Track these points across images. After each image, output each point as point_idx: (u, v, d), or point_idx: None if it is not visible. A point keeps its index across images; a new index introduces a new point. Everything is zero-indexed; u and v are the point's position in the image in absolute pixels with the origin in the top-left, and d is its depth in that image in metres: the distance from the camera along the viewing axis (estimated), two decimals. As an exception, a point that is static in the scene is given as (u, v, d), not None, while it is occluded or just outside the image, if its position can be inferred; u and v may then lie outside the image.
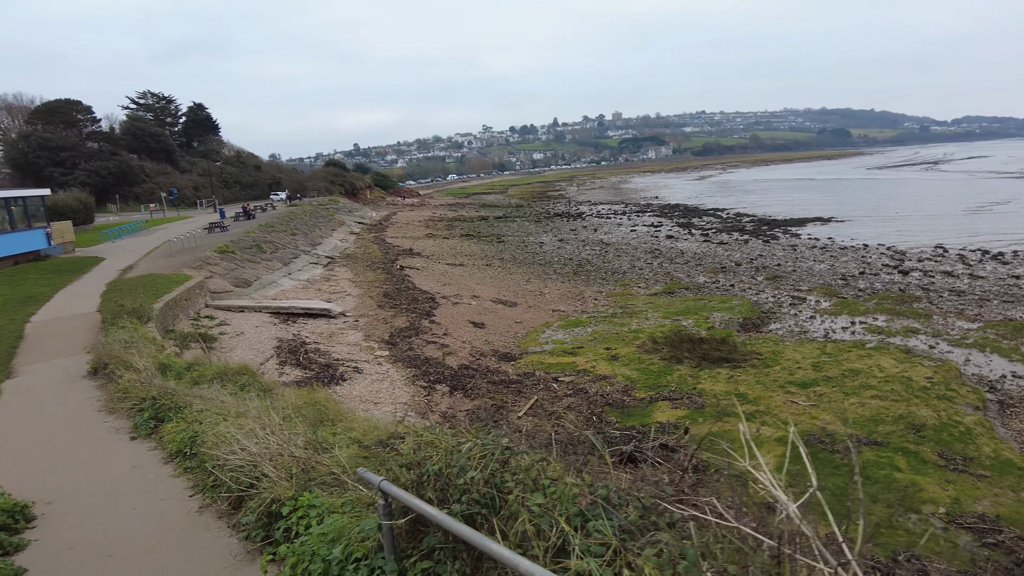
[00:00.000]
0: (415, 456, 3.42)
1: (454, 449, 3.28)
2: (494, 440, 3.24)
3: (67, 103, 74.01)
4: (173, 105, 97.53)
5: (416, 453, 3.46)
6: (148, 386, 9.68)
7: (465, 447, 3.23)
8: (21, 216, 31.28)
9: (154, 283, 22.60)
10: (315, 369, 17.72)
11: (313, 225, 53.22)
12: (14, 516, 6.06)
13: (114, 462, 7.86)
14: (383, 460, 3.95)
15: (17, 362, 13.70)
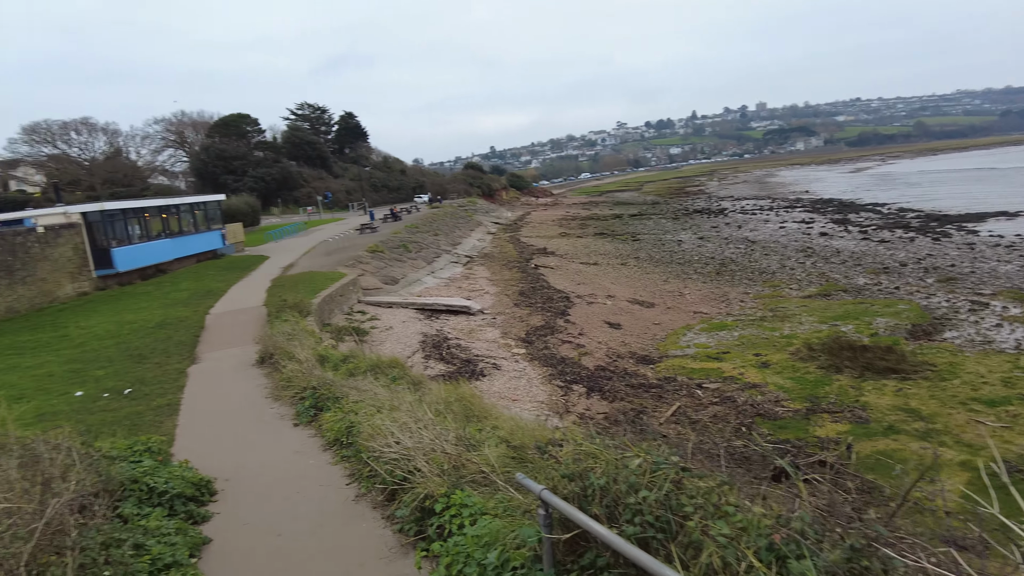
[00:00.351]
0: (576, 466, 3.26)
1: (619, 463, 3.08)
2: (666, 457, 2.99)
3: (238, 117, 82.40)
4: (327, 115, 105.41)
5: (576, 463, 3.30)
6: (308, 376, 10.37)
7: (634, 463, 3.02)
8: (203, 219, 35.21)
9: (312, 280, 24.42)
10: (457, 364, 18.24)
11: (453, 226, 55.18)
12: (200, 489, 6.67)
13: (280, 446, 8.47)
14: (542, 468, 3.84)
15: (200, 349, 15.31)
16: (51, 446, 5.22)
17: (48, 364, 14.92)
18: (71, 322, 20.03)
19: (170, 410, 10.73)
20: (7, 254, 22.66)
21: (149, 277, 29.09)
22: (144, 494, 5.94)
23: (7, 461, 4.69)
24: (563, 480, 3.27)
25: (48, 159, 70.07)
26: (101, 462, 5.67)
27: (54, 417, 10.90)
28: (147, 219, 30.34)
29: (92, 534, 4.24)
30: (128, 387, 12.36)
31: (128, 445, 7.19)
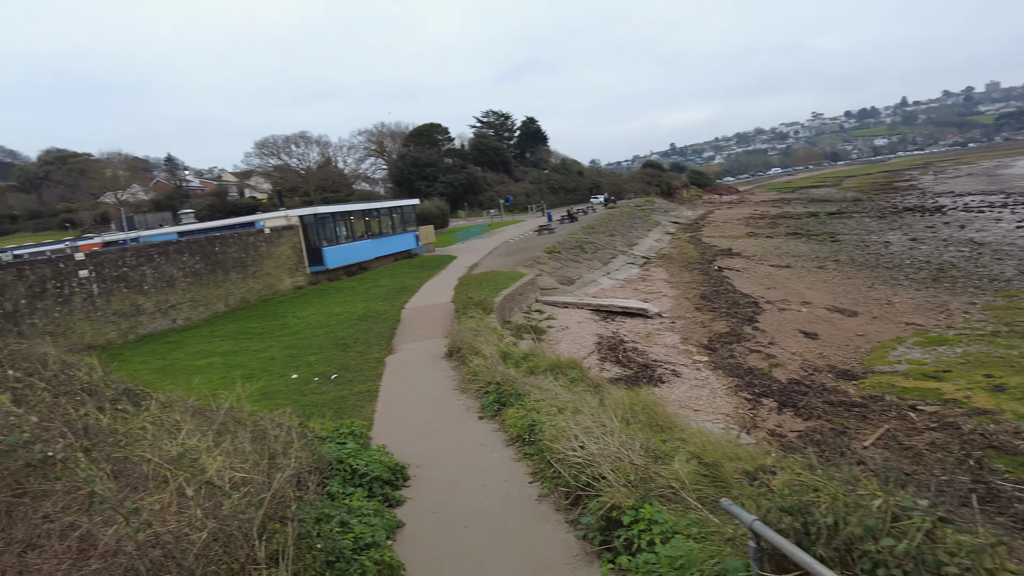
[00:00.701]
0: (795, 499, 2.89)
1: (850, 500, 2.66)
2: (916, 503, 2.53)
3: (431, 127, 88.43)
4: (509, 121, 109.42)
5: (795, 495, 2.92)
6: (493, 372, 10.68)
7: (874, 504, 2.59)
8: (399, 222, 38.21)
9: (494, 279, 25.35)
10: (633, 368, 17.84)
11: (630, 226, 54.39)
12: (396, 474, 7.10)
13: (466, 438, 8.79)
14: (750, 495, 3.49)
15: (396, 341, 16.51)
16: (275, 424, 5.83)
17: (270, 349, 17.02)
18: (289, 312, 22.72)
19: (370, 396, 11.65)
20: (242, 252, 26.32)
21: (353, 274, 32.19)
22: (348, 474, 6.45)
23: (243, 434, 5.30)
24: (779, 513, 2.91)
25: (274, 169, 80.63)
26: (314, 442, 6.24)
27: (275, 396, 12.37)
28: (352, 221, 33.57)
29: (308, 508, 4.63)
30: (334, 373, 13.67)
31: (335, 427, 7.88)
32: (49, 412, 3.94)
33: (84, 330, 20.00)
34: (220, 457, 4.35)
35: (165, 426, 4.72)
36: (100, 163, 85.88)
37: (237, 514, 3.58)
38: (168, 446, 4.17)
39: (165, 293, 22.71)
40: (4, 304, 18.19)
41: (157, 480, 3.67)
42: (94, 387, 5.00)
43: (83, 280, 20.24)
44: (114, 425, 4.39)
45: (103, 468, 3.44)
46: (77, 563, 2.34)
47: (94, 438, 3.79)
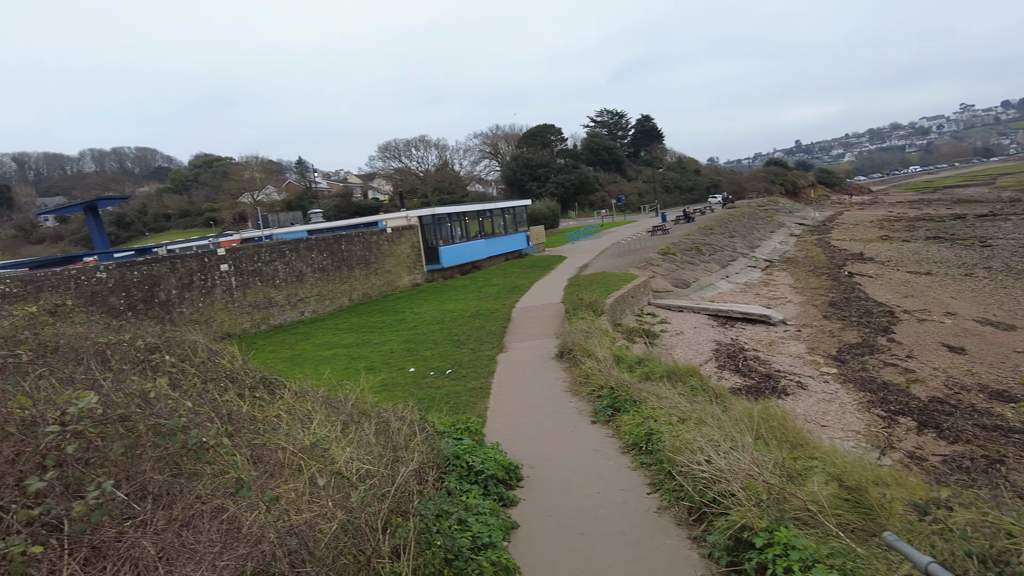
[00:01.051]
0: (984, 543, 2.51)
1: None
2: None
3: (544, 127, 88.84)
4: (624, 119, 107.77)
5: (983, 538, 2.54)
6: (606, 375, 10.45)
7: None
8: (511, 222, 38.65)
9: (605, 280, 24.98)
10: (755, 378, 16.92)
11: (750, 227, 51.87)
12: (510, 473, 7.08)
13: (579, 442, 8.64)
14: (919, 531, 3.10)
15: (507, 339, 16.65)
16: (398, 416, 5.96)
17: (390, 342, 17.68)
18: (407, 308, 23.56)
19: (482, 393, 11.78)
20: (365, 250, 27.64)
21: (466, 272, 32.92)
22: (464, 471, 6.49)
23: (367, 426, 5.46)
24: (965, 558, 2.53)
25: (395, 172, 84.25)
26: (433, 436, 6.33)
27: (393, 388, 12.82)
28: (467, 222, 34.35)
29: (428, 504, 4.67)
30: (449, 368, 13.97)
31: (451, 422, 8.00)
32: (199, 397, 4.25)
33: (223, 319, 21.76)
34: (348, 448, 4.48)
35: (297, 415, 4.95)
36: (239, 166, 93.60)
37: (364, 506, 3.65)
38: (301, 435, 4.36)
39: (295, 287, 24.26)
40: (159, 294, 20.15)
41: (291, 468, 3.83)
42: (235, 375, 5.34)
43: (223, 274, 22.03)
44: (252, 412, 4.65)
45: (244, 453, 3.63)
46: (226, 547, 2.46)
47: (236, 424, 4.03)
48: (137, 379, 3.97)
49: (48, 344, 4.34)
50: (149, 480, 2.55)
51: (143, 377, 4.19)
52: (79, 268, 18.53)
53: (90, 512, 1.89)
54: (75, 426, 2.11)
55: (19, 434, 2.08)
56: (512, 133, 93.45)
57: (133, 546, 2.14)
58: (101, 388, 3.11)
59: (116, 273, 19.18)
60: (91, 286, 18.50)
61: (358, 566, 3.32)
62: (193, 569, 2.21)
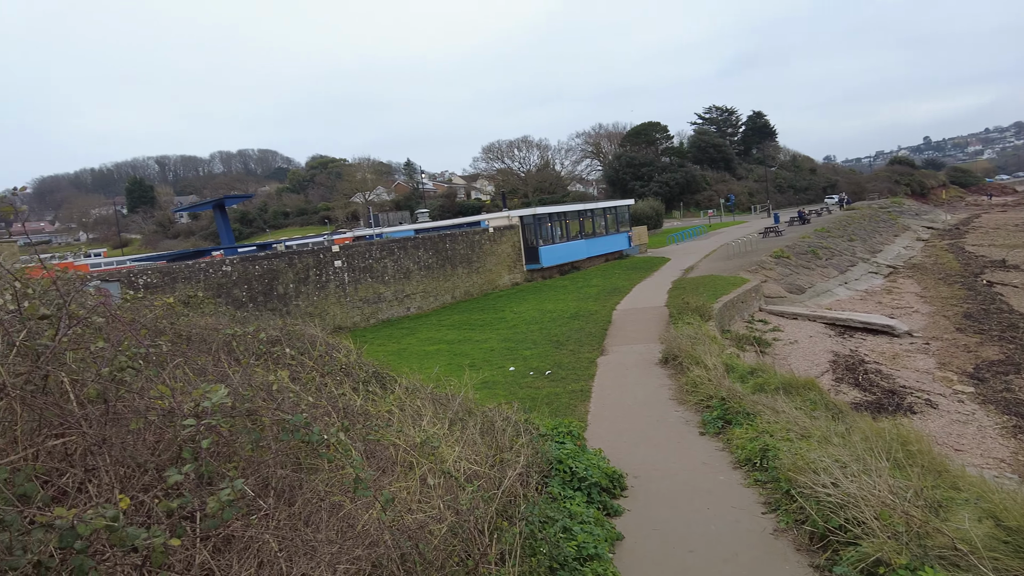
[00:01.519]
0: None
1: None
2: None
3: (649, 125, 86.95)
4: (734, 116, 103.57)
5: None
6: (717, 385, 9.97)
7: None
8: (612, 222, 38.07)
9: (713, 284, 24.03)
10: (876, 393, 15.67)
11: (872, 230, 48.32)
12: (613, 482, 6.88)
13: (686, 453, 8.28)
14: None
15: (607, 342, 16.34)
16: (503, 417, 5.91)
17: (490, 340, 17.85)
18: (507, 307, 23.72)
19: (582, 396, 11.60)
20: (468, 249, 28.13)
21: (565, 273, 32.76)
22: (567, 476, 6.36)
23: (473, 425, 5.45)
24: None
25: (497, 172, 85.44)
26: (536, 439, 6.24)
27: (494, 386, 12.89)
28: (567, 222, 34.18)
29: (534, 508, 4.57)
30: (548, 369, 13.88)
31: (554, 425, 7.89)
32: (317, 391, 4.39)
33: (335, 313, 22.82)
34: (456, 447, 4.47)
35: (408, 411, 5.01)
36: (352, 167, 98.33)
37: (472, 508, 3.61)
38: (412, 432, 4.40)
39: (402, 284, 25.07)
40: (278, 287, 21.42)
41: (403, 466, 3.86)
42: (349, 368, 5.50)
43: (337, 269, 23.10)
44: (366, 407, 4.75)
45: (358, 449, 3.70)
46: (343, 547, 2.48)
47: (351, 419, 4.12)
48: (261, 371, 4.16)
49: (183, 334, 4.65)
50: (272, 475, 2.63)
51: (265, 369, 4.38)
52: (208, 261, 20.04)
53: (222, 508, 1.94)
54: (208, 420, 2.19)
55: (159, 424, 2.19)
56: (615, 132, 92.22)
57: (257, 539, 2.19)
58: (230, 381, 3.26)
59: (240, 267, 20.57)
60: (218, 278, 19.94)
61: (465, 570, 3.27)
62: (312, 567, 2.24)
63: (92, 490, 1.97)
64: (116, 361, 2.46)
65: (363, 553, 2.47)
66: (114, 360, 2.45)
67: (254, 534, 2.21)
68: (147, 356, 2.73)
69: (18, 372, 2.07)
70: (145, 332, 3.24)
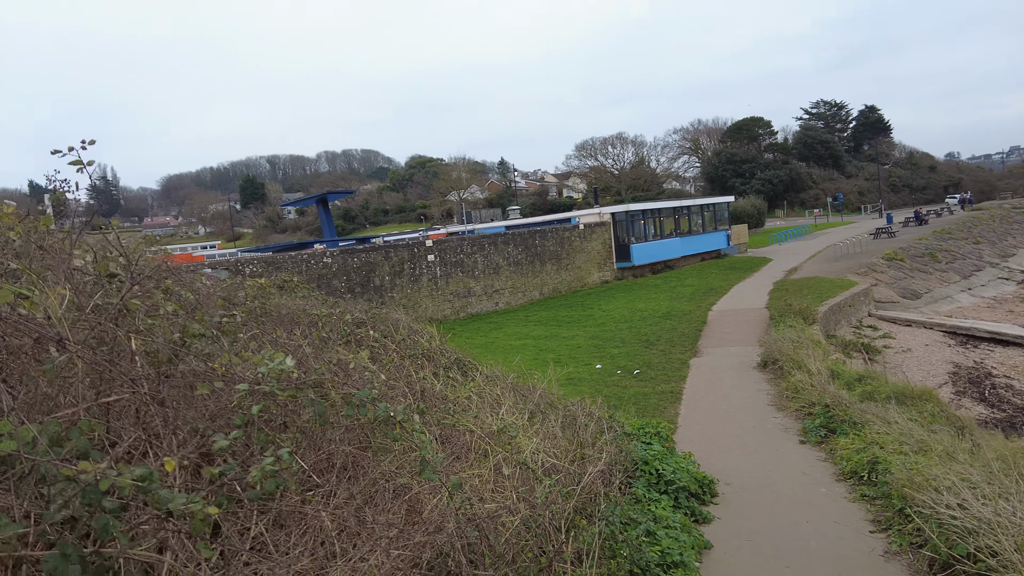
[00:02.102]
0: None
1: None
2: None
3: (751, 120, 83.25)
4: (844, 111, 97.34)
5: None
6: (820, 391, 9.26)
7: None
8: (710, 220, 36.67)
9: (818, 286, 22.59)
10: (1007, 410, 14.16)
11: (1003, 232, 43.96)
12: (703, 487, 6.49)
13: (784, 462, 7.71)
14: None
15: (701, 343, 15.68)
16: (585, 412, 5.68)
17: (577, 337, 17.57)
18: (595, 305, 23.33)
19: (672, 398, 11.13)
20: (558, 245, 27.93)
21: (658, 271, 31.88)
22: (653, 478, 6.04)
23: (554, 418, 5.26)
24: None
25: (590, 170, 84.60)
26: (621, 437, 5.96)
27: (579, 383, 12.63)
28: (661, 219, 33.23)
29: (615, 508, 4.33)
30: (637, 368, 13.46)
31: (640, 425, 7.55)
32: (395, 372, 4.35)
33: (427, 305, 23.27)
34: (534, 439, 4.30)
35: (487, 399, 4.89)
36: (448, 166, 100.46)
37: (549, 503, 3.43)
38: (489, 420, 4.27)
39: (491, 279, 25.24)
40: (374, 279, 22.10)
41: (478, 453, 3.74)
42: (432, 354, 5.46)
43: (430, 264, 23.55)
44: (445, 392, 4.68)
45: (433, 432, 3.61)
46: (404, 531, 2.37)
47: (428, 402, 4.05)
48: (341, 350, 4.17)
49: (271, 313, 4.77)
50: (335, 451, 2.56)
51: (347, 349, 4.40)
52: (309, 253, 20.95)
53: (264, 479, 1.86)
54: (263, 386, 2.14)
55: (224, 390, 2.17)
56: (715, 127, 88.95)
57: (314, 516, 2.12)
58: (300, 353, 3.26)
59: (339, 259, 21.37)
60: (318, 269, 20.80)
61: (538, 567, 3.10)
62: (368, 550, 2.13)
63: (151, 454, 1.96)
64: (189, 328, 2.47)
65: (425, 539, 2.35)
66: (186, 327, 2.46)
67: (311, 511, 2.14)
68: (221, 326, 2.75)
69: (81, 327, 2.10)
70: (222, 303, 3.29)
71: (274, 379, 2.14)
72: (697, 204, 36.78)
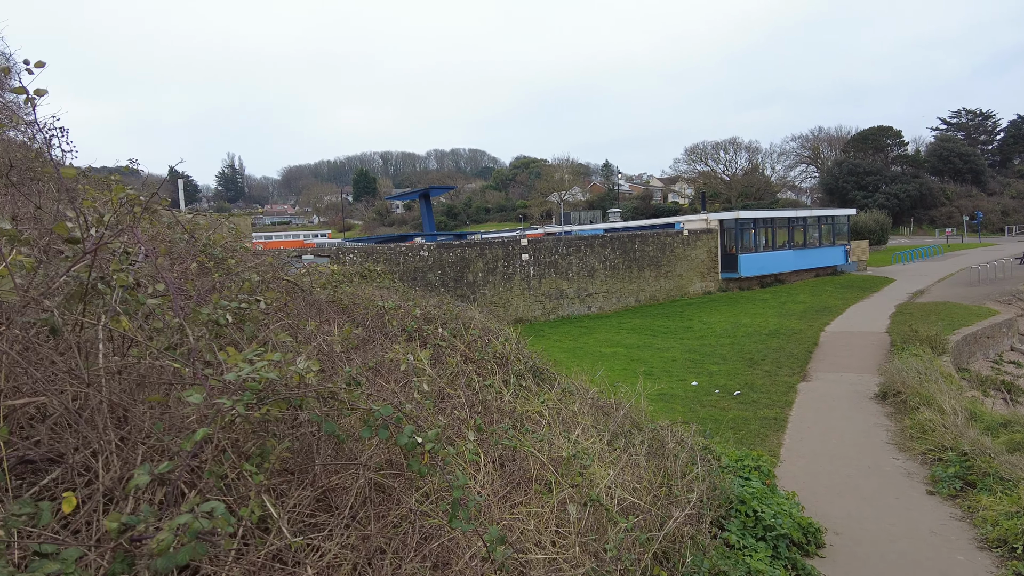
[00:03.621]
0: None
1: None
2: None
3: (878, 130, 77.24)
4: (990, 121, 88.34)
5: None
6: (955, 434, 7.99)
7: None
8: (827, 233, 34.07)
9: (948, 312, 20.25)
10: None
11: None
12: (808, 536, 5.62)
13: (908, 515, 6.63)
14: None
15: (811, 366, 14.31)
16: (677, 439, 5.00)
17: (672, 350, 16.59)
18: (695, 316, 22.09)
19: (776, 425, 10.08)
20: (658, 251, 26.78)
21: (767, 285, 29.92)
22: (749, 521, 5.24)
23: (639, 443, 4.62)
24: None
25: (699, 175, 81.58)
26: (716, 471, 5.22)
27: (672, 400, 11.77)
28: (774, 229, 31.19)
29: (703, 559, 3.65)
30: (738, 389, 12.40)
31: (738, 456, 6.72)
32: (453, 377, 3.89)
33: (518, 305, 22.93)
34: (612, 469, 3.69)
35: (562, 416, 4.33)
36: (552, 167, 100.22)
37: (622, 554, 2.83)
38: (560, 442, 3.71)
39: (585, 282, 24.54)
40: (468, 275, 22.01)
41: (540, 484, 3.19)
42: (505, 357, 4.96)
43: (523, 263, 23.19)
44: (513, 404, 4.16)
45: (491, 454, 3.10)
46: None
47: (488, 416, 3.56)
48: (400, 348, 3.75)
49: (339, 302, 4.45)
50: (349, 483, 2.09)
51: (407, 347, 3.98)
52: (407, 246, 21.14)
53: (173, 545, 1.36)
54: (225, 400, 1.68)
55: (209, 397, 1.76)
56: (837, 136, 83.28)
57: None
58: (330, 351, 2.84)
59: (436, 253, 21.44)
60: (415, 262, 20.94)
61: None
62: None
63: (77, 481, 1.54)
64: (197, 313, 2.10)
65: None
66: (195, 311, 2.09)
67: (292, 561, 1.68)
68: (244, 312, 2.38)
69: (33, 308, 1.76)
70: (249, 286, 2.93)
71: (253, 386, 1.70)
72: (814, 215, 34.26)
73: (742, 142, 79.13)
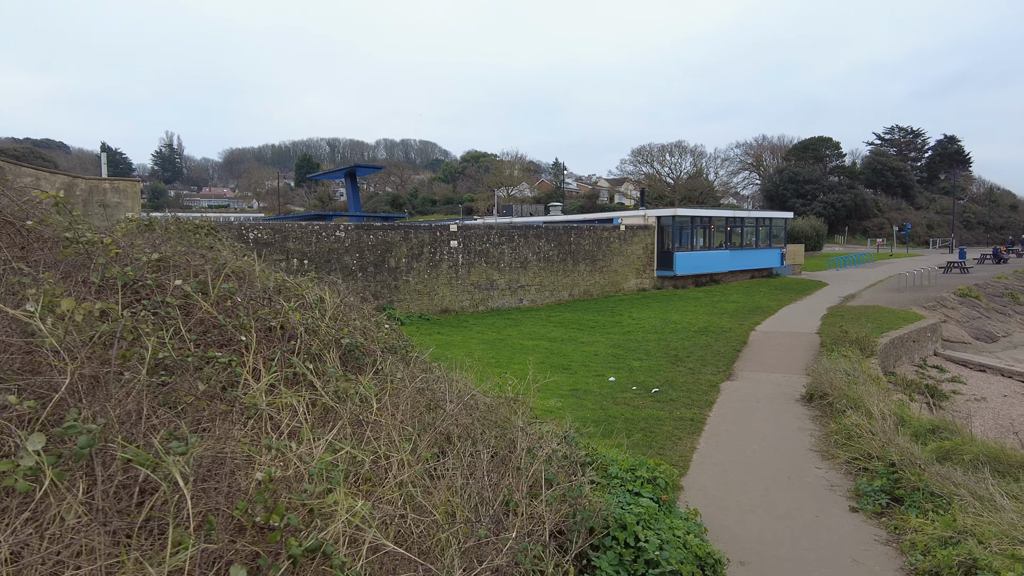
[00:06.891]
0: None
1: None
2: None
3: (818, 140, 79.10)
4: (920, 139, 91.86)
5: None
6: (883, 442, 7.10)
7: None
8: (765, 235, 33.95)
9: (878, 316, 19.98)
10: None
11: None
12: (705, 569, 4.48)
13: (827, 537, 5.64)
14: None
15: (737, 365, 13.51)
16: (533, 443, 3.77)
17: (596, 344, 15.57)
18: (626, 312, 21.22)
19: (692, 427, 9.08)
20: (594, 246, 25.85)
21: (701, 284, 29.45)
22: (628, 553, 4.06)
23: (482, 452, 3.37)
24: None
25: (644, 177, 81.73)
26: (581, 486, 4.01)
27: (583, 396, 10.68)
28: (712, 229, 30.76)
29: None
30: (656, 386, 11.42)
31: (631, 465, 5.56)
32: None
33: (444, 294, 21.56)
34: (402, 490, 2.43)
35: (350, 412, 3.03)
36: (501, 163, 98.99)
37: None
38: (301, 451, 2.42)
39: (517, 273, 23.36)
40: (390, 260, 20.51)
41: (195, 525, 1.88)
42: (295, 330, 3.62)
43: (452, 250, 21.84)
44: (263, 395, 2.85)
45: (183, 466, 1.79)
46: None
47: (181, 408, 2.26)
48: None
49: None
50: None
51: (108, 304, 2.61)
52: (321, 225, 19.47)
53: None
54: None
55: None
56: (780, 145, 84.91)
57: None
58: None
59: (353, 234, 19.84)
60: (330, 243, 19.31)
61: None
62: None
63: None
64: None
65: None
66: None
67: None
68: None
69: None
70: None
71: None
72: (752, 216, 34.11)
73: (687, 145, 79.66)
